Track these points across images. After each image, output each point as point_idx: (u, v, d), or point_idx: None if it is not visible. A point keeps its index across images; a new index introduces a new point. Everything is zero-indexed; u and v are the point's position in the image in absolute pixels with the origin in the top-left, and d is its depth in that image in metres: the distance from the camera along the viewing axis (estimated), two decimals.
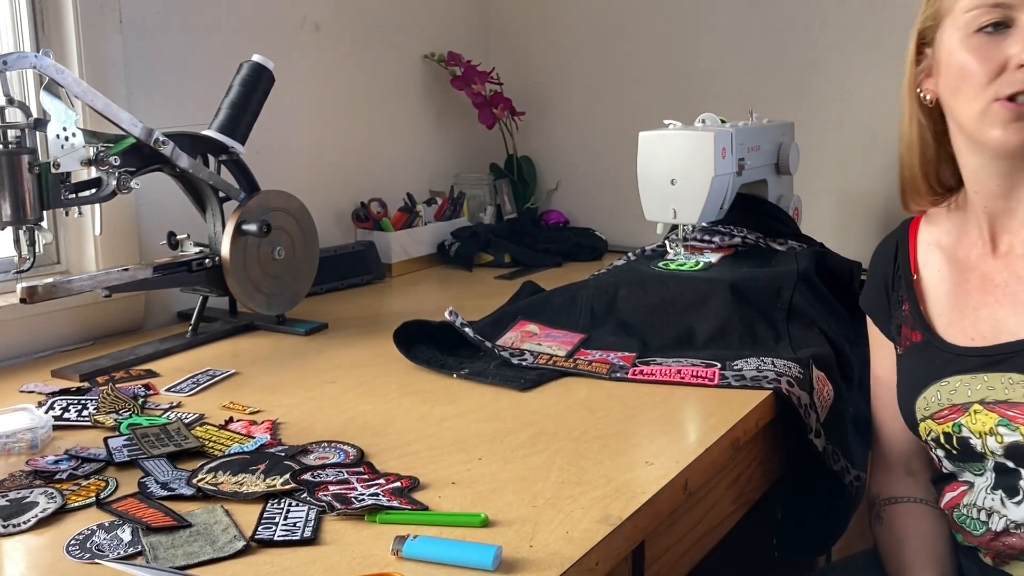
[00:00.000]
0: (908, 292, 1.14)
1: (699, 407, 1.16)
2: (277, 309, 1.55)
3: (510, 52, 2.36)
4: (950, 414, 1.05)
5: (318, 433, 1.08)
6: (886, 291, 1.18)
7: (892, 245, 1.19)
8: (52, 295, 1.27)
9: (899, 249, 1.18)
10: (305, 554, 0.81)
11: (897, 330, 1.16)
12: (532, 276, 1.86)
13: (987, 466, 1.03)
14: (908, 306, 1.14)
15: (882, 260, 1.20)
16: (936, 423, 1.06)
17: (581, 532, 0.84)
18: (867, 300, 1.23)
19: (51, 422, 1.09)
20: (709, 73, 2.12)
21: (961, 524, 1.08)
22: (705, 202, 1.54)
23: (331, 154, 1.97)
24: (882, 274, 1.19)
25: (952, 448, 1.05)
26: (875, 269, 1.22)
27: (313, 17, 1.91)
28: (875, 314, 1.20)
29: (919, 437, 1.11)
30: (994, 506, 1.03)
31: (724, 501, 1.15)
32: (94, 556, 0.80)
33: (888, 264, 1.19)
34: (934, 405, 1.06)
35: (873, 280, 1.22)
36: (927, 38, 1.07)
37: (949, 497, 1.09)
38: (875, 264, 1.22)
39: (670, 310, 1.42)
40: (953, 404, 1.04)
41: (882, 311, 1.19)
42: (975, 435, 1.02)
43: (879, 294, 1.19)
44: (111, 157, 1.30)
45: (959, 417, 1.04)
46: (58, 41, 1.47)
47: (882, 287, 1.19)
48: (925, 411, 1.08)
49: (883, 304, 1.18)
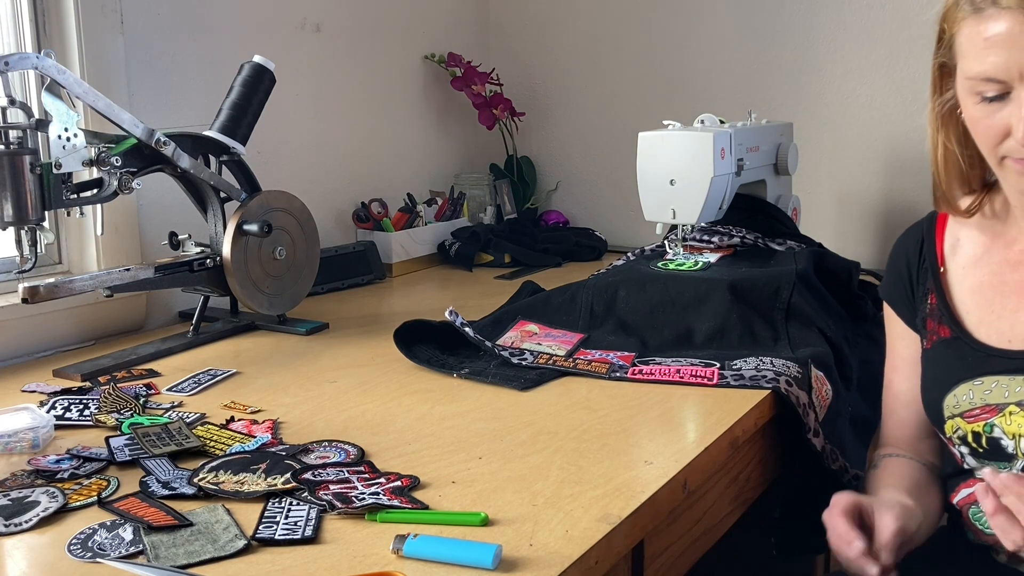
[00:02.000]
0: (935, 284, 1.13)
1: (698, 406, 1.16)
2: (278, 309, 1.55)
3: (510, 52, 2.37)
4: (982, 413, 1.04)
5: (319, 432, 1.09)
6: (910, 282, 1.17)
7: (918, 236, 1.18)
8: (54, 295, 1.28)
9: (925, 241, 1.16)
10: (306, 553, 0.81)
11: (923, 323, 1.15)
12: (532, 276, 1.86)
13: (1015, 466, 1.02)
14: (935, 299, 1.13)
15: (906, 251, 1.18)
16: (965, 421, 1.05)
17: (581, 531, 0.84)
18: (888, 290, 1.21)
19: (53, 422, 1.09)
20: (708, 73, 2.12)
21: (975, 521, 1.07)
22: (704, 202, 1.55)
23: (332, 154, 1.98)
24: (906, 265, 1.18)
25: (979, 447, 1.04)
26: (897, 259, 1.20)
27: (314, 18, 1.91)
28: (897, 304, 1.19)
29: (942, 433, 1.10)
30: None
31: (723, 500, 1.16)
32: (96, 555, 0.81)
33: (913, 255, 1.17)
34: (965, 404, 1.05)
35: (895, 270, 1.20)
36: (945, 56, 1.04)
37: (965, 493, 1.09)
38: (898, 254, 1.20)
39: (669, 310, 1.42)
40: (987, 404, 1.04)
41: (905, 302, 1.18)
42: (1008, 436, 1.02)
43: (902, 285, 1.18)
44: (112, 157, 1.30)
45: (992, 417, 1.03)
46: (60, 42, 1.47)
47: (906, 278, 1.17)
48: (955, 409, 1.07)
49: (907, 295, 1.17)
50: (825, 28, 1.98)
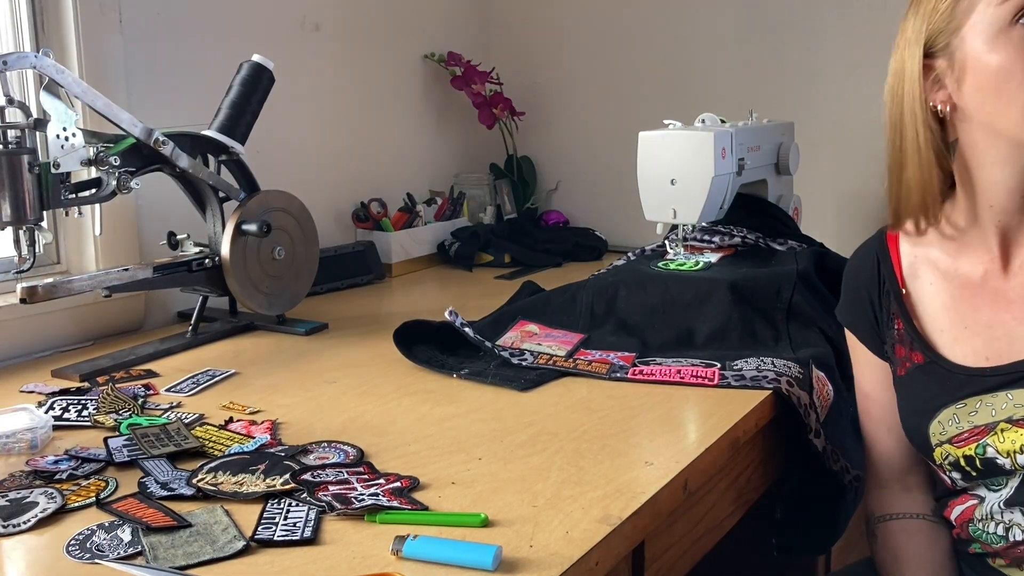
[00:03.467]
0: (899, 308, 1.10)
1: (699, 407, 1.16)
2: (277, 309, 1.55)
3: (510, 52, 2.36)
4: (971, 436, 1.01)
5: (318, 433, 1.09)
6: (872, 308, 1.13)
7: (871, 258, 1.13)
8: (52, 295, 1.27)
9: (881, 262, 1.13)
10: (305, 554, 0.81)
11: (892, 350, 1.11)
12: (532, 276, 1.86)
13: (1012, 478, 1.00)
14: (902, 323, 1.09)
15: (861, 274, 1.14)
16: (955, 447, 1.02)
17: (581, 532, 0.84)
18: (848, 315, 1.17)
19: (51, 422, 1.09)
20: (709, 73, 2.12)
21: (976, 536, 1.05)
22: (705, 202, 1.54)
23: (331, 154, 1.97)
24: (864, 288, 1.14)
25: (973, 470, 1.02)
26: (853, 283, 1.16)
27: (313, 17, 1.91)
28: (860, 331, 1.15)
29: (932, 462, 1.07)
30: (1014, 519, 1.01)
31: (724, 501, 1.16)
32: (94, 556, 0.80)
33: (870, 279, 1.13)
34: (952, 429, 1.02)
35: (853, 294, 1.16)
36: (935, 47, 1.00)
37: (960, 510, 1.07)
38: (853, 278, 1.16)
39: (670, 310, 1.42)
40: (975, 426, 1.01)
41: (868, 328, 1.14)
42: (1003, 454, 0.99)
43: (863, 310, 1.14)
44: (111, 157, 1.30)
45: (983, 437, 1.00)
46: (58, 41, 1.47)
47: (866, 303, 1.14)
48: (941, 436, 1.04)
49: (869, 321, 1.14)
50: (827, 27, 1.97)
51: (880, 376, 1.14)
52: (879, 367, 1.14)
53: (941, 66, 1.00)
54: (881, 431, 1.16)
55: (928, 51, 1.01)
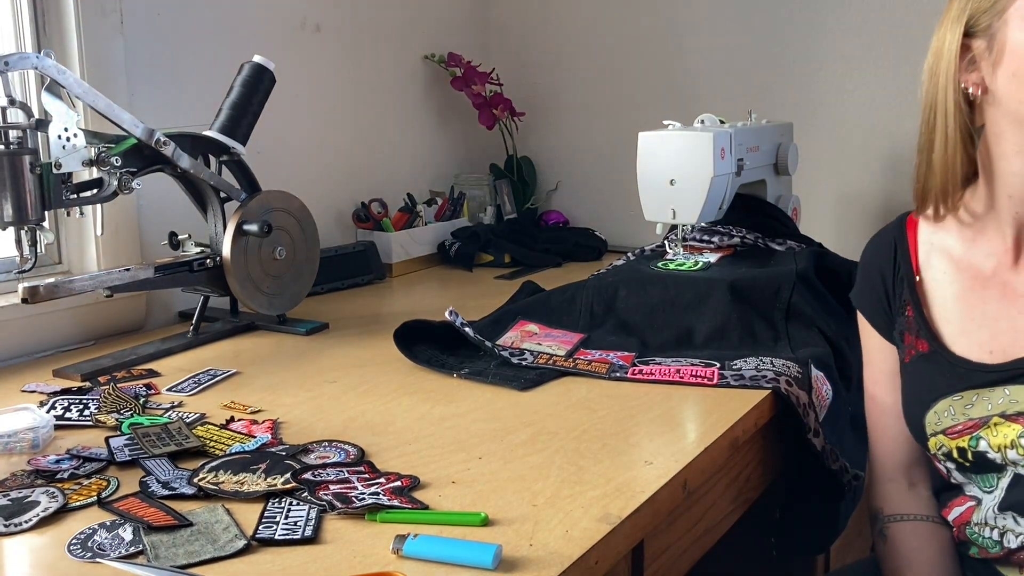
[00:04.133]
0: (911, 295, 1.10)
1: (698, 407, 1.16)
2: (278, 309, 1.55)
3: (510, 52, 2.36)
4: (965, 429, 1.01)
5: (319, 432, 1.09)
6: (886, 292, 1.14)
7: (889, 243, 1.14)
8: (53, 295, 1.28)
9: (898, 248, 1.13)
10: (306, 553, 0.81)
11: (900, 336, 1.11)
12: (532, 276, 1.86)
13: (1003, 476, 1.01)
14: (912, 311, 1.09)
15: (879, 258, 1.15)
16: (949, 438, 1.03)
17: (581, 531, 0.84)
18: (862, 299, 1.18)
19: (52, 422, 1.09)
20: (708, 73, 2.12)
21: (973, 541, 1.06)
22: (704, 202, 1.55)
23: (332, 154, 1.98)
24: (880, 273, 1.14)
25: (965, 461, 1.02)
26: (870, 267, 1.16)
27: (314, 18, 1.91)
28: (873, 316, 1.16)
29: (927, 451, 1.08)
30: (1007, 524, 1.01)
31: (723, 500, 1.16)
32: (95, 555, 0.81)
33: (887, 263, 1.13)
34: (947, 420, 1.03)
35: (868, 278, 1.16)
36: (977, 27, 0.98)
37: (958, 512, 1.07)
38: (870, 261, 1.16)
39: (669, 310, 1.42)
40: (970, 419, 1.01)
41: (882, 314, 1.14)
42: (995, 448, 0.99)
43: (877, 295, 1.14)
44: (112, 157, 1.30)
45: (977, 431, 1.00)
46: (59, 42, 1.47)
47: (880, 287, 1.14)
48: (936, 426, 1.04)
49: (882, 306, 1.14)
50: (825, 28, 1.97)
51: (890, 363, 1.14)
52: (889, 353, 1.14)
53: (979, 47, 0.99)
54: (888, 421, 1.16)
55: (969, 30, 0.99)
